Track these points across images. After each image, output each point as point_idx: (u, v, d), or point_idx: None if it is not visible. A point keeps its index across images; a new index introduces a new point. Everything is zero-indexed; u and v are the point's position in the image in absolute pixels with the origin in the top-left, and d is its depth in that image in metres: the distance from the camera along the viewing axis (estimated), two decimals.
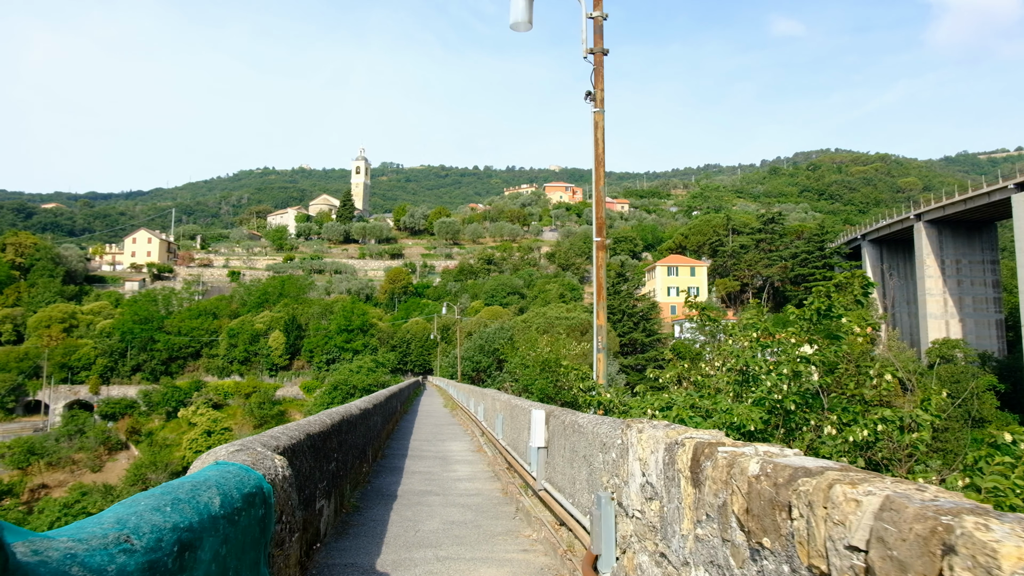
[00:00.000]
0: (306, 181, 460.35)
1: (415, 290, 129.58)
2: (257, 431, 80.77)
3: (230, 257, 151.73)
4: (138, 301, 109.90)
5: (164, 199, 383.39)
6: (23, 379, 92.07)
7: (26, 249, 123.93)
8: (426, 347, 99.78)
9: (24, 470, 77.41)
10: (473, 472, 11.42)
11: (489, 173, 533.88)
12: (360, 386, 79.77)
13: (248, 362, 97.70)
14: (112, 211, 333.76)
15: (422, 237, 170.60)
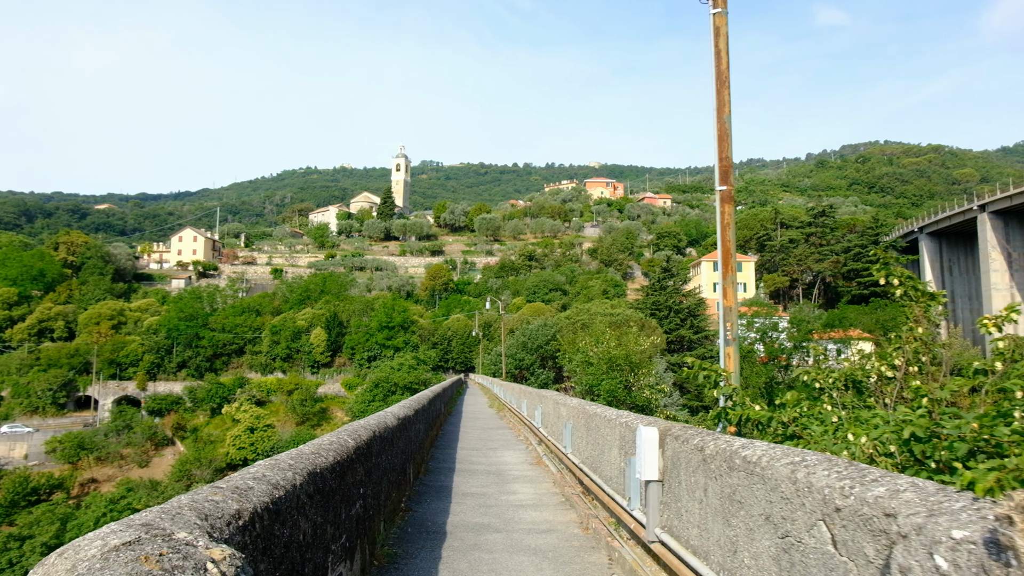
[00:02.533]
0: (347, 180, 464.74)
1: (456, 287, 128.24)
2: (299, 429, 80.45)
3: (273, 255, 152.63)
4: (184, 298, 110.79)
5: (210, 199, 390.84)
6: (74, 375, 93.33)
7: (77, 248, 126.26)
8: (467, 344, 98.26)
9: (74, 464, 78.23)
10: (538, 495, 9.38)
11: (528, 170, 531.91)
12: (401, 384, 78.56)
13: (290, 359, 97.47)
14: (161, 211, 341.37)
15: (462, 234, 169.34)
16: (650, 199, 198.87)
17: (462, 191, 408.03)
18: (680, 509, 4.56)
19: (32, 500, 68.26)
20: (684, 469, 4.51)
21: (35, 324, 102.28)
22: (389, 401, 77.83)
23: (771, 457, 3.20)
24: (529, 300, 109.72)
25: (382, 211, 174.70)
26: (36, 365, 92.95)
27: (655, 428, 5.15)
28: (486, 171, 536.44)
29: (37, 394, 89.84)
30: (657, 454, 5.05)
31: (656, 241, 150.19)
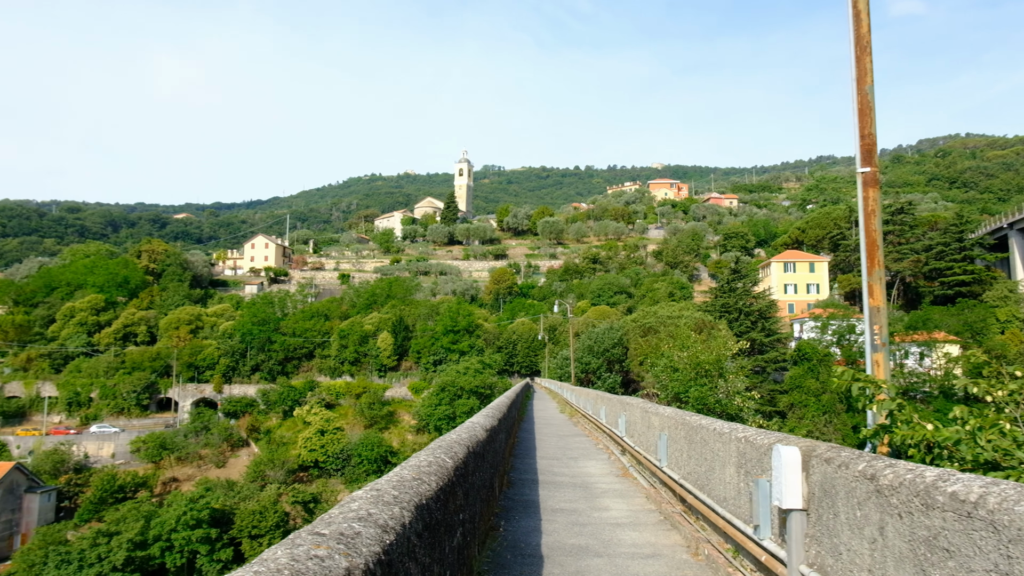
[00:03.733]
0: (411, 185, 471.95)
1: (520, 290, 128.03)
2: (367, 432, 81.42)
3: (340, 260, 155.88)
4: (256, 303, 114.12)
5: (281, 207, 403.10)
6: (156, 377, 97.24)
7: (158, 256, 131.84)
8: (532, 348, 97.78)
9: (157, 464, 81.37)
10: (632, 512, 8.72)
11: (590, 172, 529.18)
12: (467, 388, 78.67)
13: (358, 363, 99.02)
14: (234, 219, 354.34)
15: (525, 237, 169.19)
16: (716, 199, 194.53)
17: (524, 195, 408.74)
18: (837, 547, 3.86)
19: (119, 497, 71.22)
20: (843, 499, 3.81)
21: (120, 329, 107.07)
22: (456, 405, 77.98)
23: (1003, 497, 2.51)
24: (594, 303, 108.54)
25: (445, 216, 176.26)
26: (121, 368, 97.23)
27: (795, 448, 4.45)
28: (548, 174, 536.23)
29: (122, 396, 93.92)
30: (799, 478, 4.36)
31: (723, 242, 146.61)
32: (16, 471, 69.40)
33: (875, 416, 4.63)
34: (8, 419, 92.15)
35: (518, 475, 11.65)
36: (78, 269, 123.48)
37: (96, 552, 55.68)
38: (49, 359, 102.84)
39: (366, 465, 78.19)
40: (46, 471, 75.24)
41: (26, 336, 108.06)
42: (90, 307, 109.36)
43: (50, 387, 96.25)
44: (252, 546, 61.45)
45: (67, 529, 63.27)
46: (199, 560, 60.06)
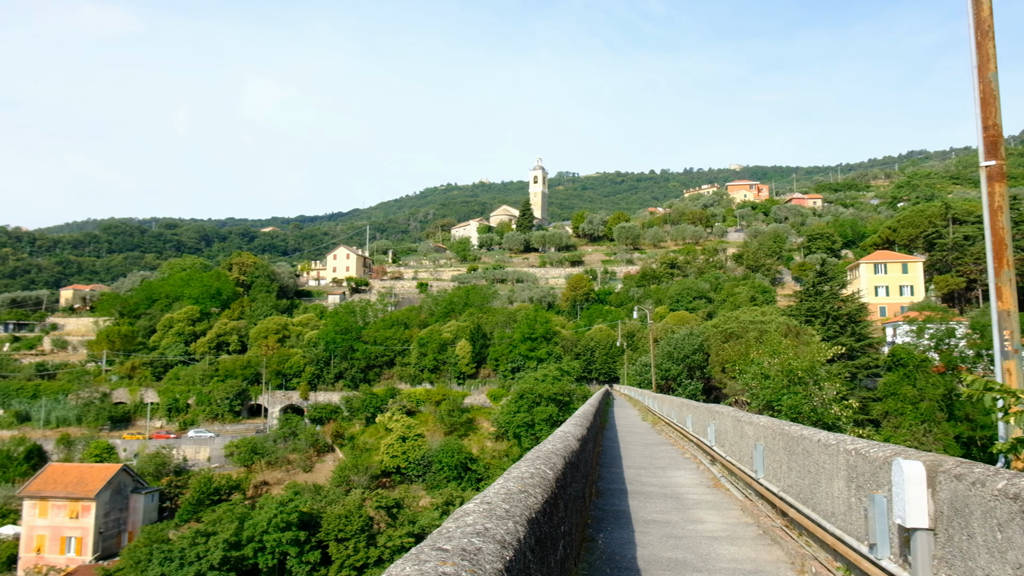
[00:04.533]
0: (486, 194, 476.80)
1: (597, 297, 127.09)
2: (447, 439, 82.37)
3: (418, 269, 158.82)
4: (339, 313, 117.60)
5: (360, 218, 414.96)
6: (247, 385, 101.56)
7: (248, 268, 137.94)
8: (611, 355, 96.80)
9: (249, 468, 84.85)
10: (728, 525, 8.43)
11: (666, 176, 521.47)
12: (546, 395, 78.54)
13: (437, 370, 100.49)
14: (317, 232, 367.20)
15: (601, 243, 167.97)
16: (798, 200, 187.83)
17: (599, 200, 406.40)
18: (973, 571, 3.57)
19: (215, 499, 74.63)
20: (980, 520, 3.54)
21: (214, 338, 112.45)
22: (534, 412, 77.97)
23: None
24: (672, 309, 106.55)
25: (521, 223, 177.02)
26: (215, 376, 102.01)
27: (918, 463, 4.17)
28: (622, 179, 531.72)
29: (217, 402, 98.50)
30: (925, 495, 4.07)
31: (807, 244, 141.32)
32: (123, 473, 73.78)
33: (1009, 429, 4.28)
34: (116, 424, 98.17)
35: (606, 485, 11.49)
36: (175, 282, 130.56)
37: (195, 551, 58.44)
38: (151, 367, 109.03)
39: (446, 472, 79.14)
40: (149, 473, 79.66)
41: (130, 346, 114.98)
42: (187, 318, 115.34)
43: (152, 394, 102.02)
44: (338, 549, 63.10)
45: (169, 528, 66.63)
46: (289, 561, 62.14)
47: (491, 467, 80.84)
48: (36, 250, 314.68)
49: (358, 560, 63.06)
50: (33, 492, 70.41)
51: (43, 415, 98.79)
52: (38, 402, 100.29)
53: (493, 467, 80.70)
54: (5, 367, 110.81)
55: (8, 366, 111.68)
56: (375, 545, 64.58)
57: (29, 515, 70.00)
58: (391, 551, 64.60)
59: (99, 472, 72.58)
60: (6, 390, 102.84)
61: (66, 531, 69.04)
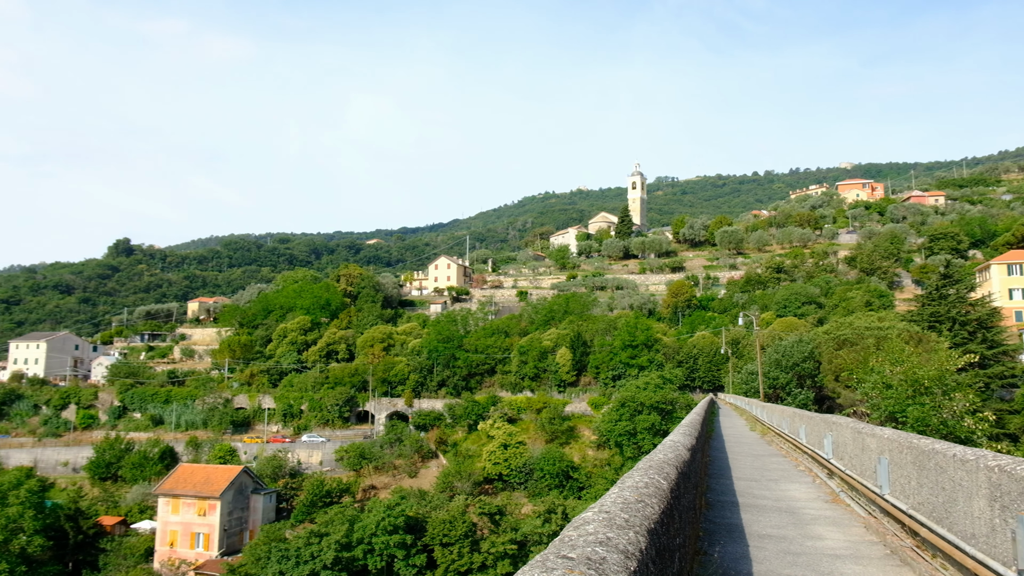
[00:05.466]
0: (584, 201, 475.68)
1: (699, 303, 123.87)
2: (548, 446, 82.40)
3: (518, 278, 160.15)
4: (441, 322, 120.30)
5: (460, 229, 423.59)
6: (354, 392, 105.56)
7: (354, 279, 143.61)
8: (714, 362, 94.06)
9: (357, 472, 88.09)
10: (850, 543, 7.98)
11: (770, 178, 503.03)
12: (648, 403, 77.26)
13: (538, 378, 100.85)
14: (419, 243, 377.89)
15: (703, 248, 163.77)
16: (917, 198, 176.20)
17: (699, 205, 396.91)
18: None
19: (327, 501, 77.91)
20: None
21: (324, 347, 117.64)
22: (636, 421, 76.81)
23: None
24: (779, 315, 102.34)
25: (620, 230, 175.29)
26: (326, 383, 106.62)
27: None
28: (724, 182, 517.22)
29: (327, 408, 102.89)
30: None
31: (928, 244, 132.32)
32: (244, 474, 78.31)
33: None
34: (237, 428, 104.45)
35: (715, 497, 11.14)
36: (288, 294, 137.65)
37: (309, 551, 61.17)
38: (267, 375, 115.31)
39: (548, 480, 79.17)
40: (267, 475, 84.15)
41: (249, 354, 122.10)
42: (299, 328, 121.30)
43: (269, 400, 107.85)
44: (443, 553, 64.33)
45: (285, 528, 70.04)
46: (397, 564, 63.91)
47: (593, 476, 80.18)
48: (167, 266, 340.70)
49: (462, 565, 64.04)
50: (167, 490, 75.92)
51: (174, 419, 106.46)
52: (170, 407, 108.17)
53: (595, 476, 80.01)
54: (142, 374, 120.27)
55: (144, 373, 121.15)
56: (479, 551, 65.40)
57: (163, 511, 75.52)
58: (494, 557, 65.24)
59: (223, 473, 77.37)
60: (143, 395, 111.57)
61: (195, 527, 73.96)
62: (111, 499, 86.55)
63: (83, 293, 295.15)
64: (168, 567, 69.50)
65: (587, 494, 77.57)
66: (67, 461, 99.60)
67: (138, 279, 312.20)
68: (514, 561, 65.97)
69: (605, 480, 78.01)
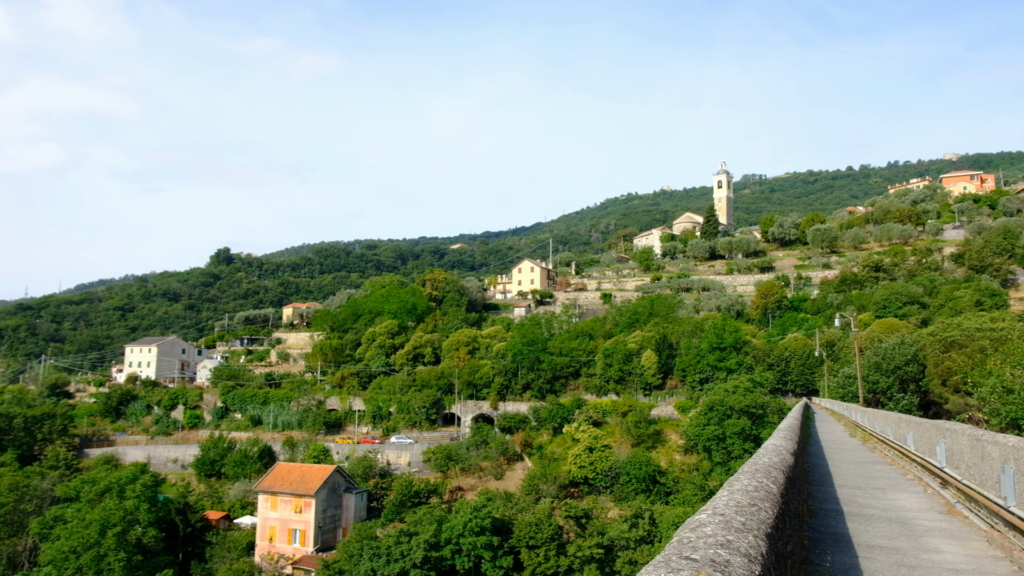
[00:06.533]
0: (667, 202, 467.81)
1: (790, 304, 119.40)
2: (634, 450, 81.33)
3: (601, 280, 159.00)
4: (525, 325, 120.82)
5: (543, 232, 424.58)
6: (441, 394, 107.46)
7: (439, 283, 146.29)
8: (807, 365, 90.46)
9: (444, 473, 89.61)
10: (972, 557, 7.48)
11: (866, 172, 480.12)
12: (737, 407, 75.08)
13: (623, 381, 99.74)
14: (502, 246, 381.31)
15: (793, 248, 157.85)
16: None
17: (789, 203, 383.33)
18: None
19: (415, 501, 79.64)
20: None
21: (411, 351, 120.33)
22: (725, 425, 74.77)
23: None
24: (878, 315, 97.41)
25: (705, 230, 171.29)
26: (413, 386, 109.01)
27: None
28: (815, 179, 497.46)
29: (414, 410, 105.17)
30: None
31: None
32: (337, 474, 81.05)
33: None
34: (329, 428, 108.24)
35: (818, 504, 10.70)
36: (376, 299, 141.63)
37: (399, 549, 62.63)
38: (357, 377, 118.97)
39: (634, 484, 78.12)
40: (358, 475, 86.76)
41: (340, 357, 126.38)
42: (387, 332, 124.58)
43: (359, 402, 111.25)
44: (530, 556, 64.51)
45: (376, 527, 71.98)
46: (484, 565, 64.55)
47: (681, 481, 78.56)
48: (263, 273, 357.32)
49: (549, 568, 64.04)
50: (266, 488, 79.50)
51: (271, 419, 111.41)
52: (267, 408, 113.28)
53: (683, 481, 78.36)
54: (241, 377, 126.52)
55: (244, 376, 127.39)
56: (565, 554, 65.22)
57: (263, 507, 79.11)
58: (581, 561, 64.90)
59: (317, 472, 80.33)
60: (243, 397, 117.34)
61: (292, 523, 77.10)
62: (215, 495, 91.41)
63: (188, 300, 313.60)
64: (268, 561, 72.70)
65: (675, 499, 76.08)
66: (176, 458, 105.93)
67: (237, 286, 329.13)
68: (601, 565, 65.41)
69: (693, 485, 76.29)
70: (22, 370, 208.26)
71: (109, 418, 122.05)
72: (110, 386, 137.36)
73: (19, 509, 79.94)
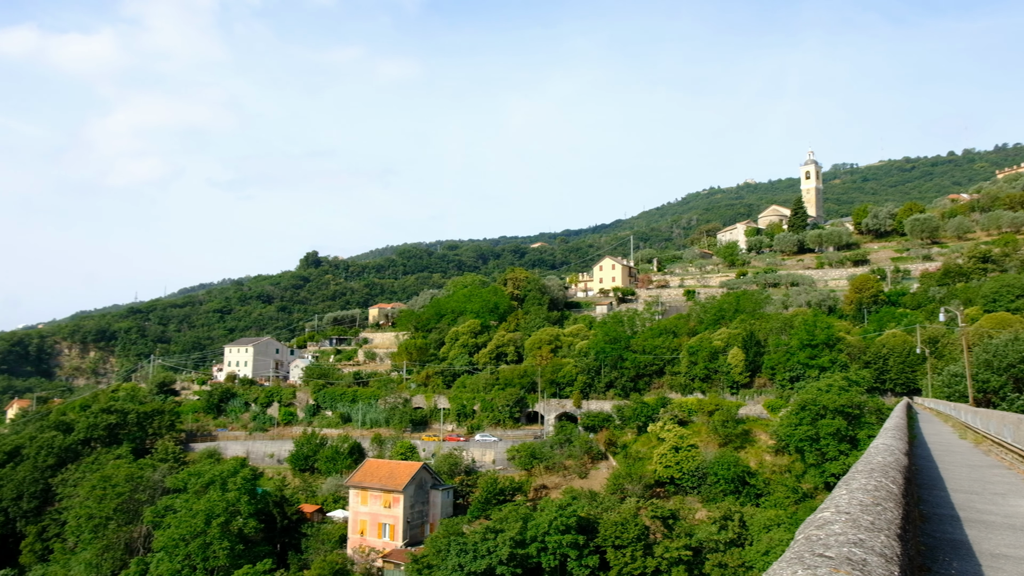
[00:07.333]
0: (752, 195, 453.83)
1: (887, 298, 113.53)
2: (722, 450, 79.34)
3: (684, 277, 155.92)
4: (607, 323, 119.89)
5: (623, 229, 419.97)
6: (524, 393, 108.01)
7: (521, 282, 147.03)
8: (908, 363, 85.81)
9: (529, 471, 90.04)
10: None
11: (970, 157, 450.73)
12: (831, 407, 71.99)
13: (708, 379, 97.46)
14: (582, 244, 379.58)
15: (890, 239, 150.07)
16: None
17: (883, 192, 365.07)
18: None
19: (500, 499, 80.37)
20: None
21: (493, 349, 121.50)
22: (819, 426, 71.87)
23: None
24: (987, 310, 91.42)
25: (793, 223, 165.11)
26: (496, 384, 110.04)
27: None
28: (912, 165, 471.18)
29: (498, 409, 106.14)
30: None
31: None
32: (424, 470, 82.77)
33: None
34: (415, 426, 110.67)
35: (930, 509, 10.13)
36: (459, 298, 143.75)
37: (486, 546, 63.37)
38: (441, 376, 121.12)
39: (723, 485, 76.22)
40: (444, 472, 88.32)
41: (424, 356, 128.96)
42: (469, 331, 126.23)
43: (443, 400, 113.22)
44: (616, 556, 63.99)
45: (462, 523, 73.04)
46: (570, 563, 64.50)
47: (772, 483, 76.08)
48: (349, 275, 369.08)
49: (635, 568, 63.34)
50: (356, 483, 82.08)
51: (360, 417, 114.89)
52: (356, 406, 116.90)
53: (774, 483, 75.88)
54: (331, 375, 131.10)
55: (333, 374, 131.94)
56: (652, 555, 64.34)
57: (354, 502, 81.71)
58: (668, 562, 63.86)
59: (405, 468, 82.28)
60: (333, 395, 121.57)
61: (382, 518, 79.28)
62: (309, 488, 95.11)
63: (280, 302, 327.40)
64: (359, 554, 75.04)
65: (766, 501, 73.76)
66: (272, 453, 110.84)
67: (325, 288, 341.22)
68: (689, 568, 64.19)
69: (785, 487, 73.75)
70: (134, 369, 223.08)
71: (211, 414, 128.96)
72: (211, 384, 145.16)
73: (134, 498, 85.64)
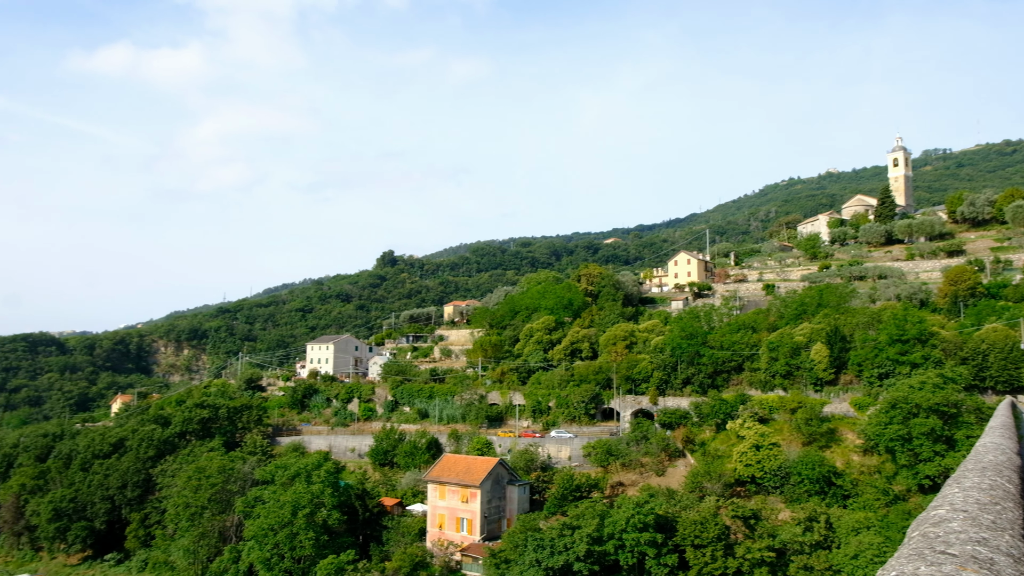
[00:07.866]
0: (834, 185, 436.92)
1: (985, 291, 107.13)
2: (805, 449, 76.81)
3: (763, 271, 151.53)
4: (683, 318, 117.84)
5: (698, 223, 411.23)
6: (599, 389, 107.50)
7: (595, 278, 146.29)
8: (1010, 359, 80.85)
9: (605, 468, 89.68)
10: None
11: None
12: (925, 405, 68.60)
13: (790, 376, 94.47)
14: (656, 239, 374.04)
15: (989, 228, 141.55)
16: None
17: (980, 178, 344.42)
18: None
19: (576, 496, 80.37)
20: None
21: (568, 346, 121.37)
22: (911, 425, 68.68)
23: None
24: None
25: (880, 213, 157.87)
26: (571, 381, 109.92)
27: None
28: (1013, 148, 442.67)
29: (573, 405, 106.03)
30: None
31: None
32: (500, 466, 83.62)
33: None
34: (491, 422, 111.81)
35: None
36: (532, 295, 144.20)
37: (563, 542, 63.53)
38: (516, 372, 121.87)
39: (807, 485, 73.88)
40: (520, 468, 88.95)
41: (499, 353, 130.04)
42: (543, 327, 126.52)
43: (519, 396, 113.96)
44: (696, 555, 63.01)
45: (539, 519, 73.47)
46: (648, 562, 63.92)
47: (860, 484, 73.19)
48: (425, 273, 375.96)
49: (716, 569, 62.23)
50: (434, 477, 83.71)
51: (437, 413, 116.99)
52: (433, 402, 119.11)
53: (862, 484, 72.98)
54: (408, 372, 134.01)
55: (410, 371, 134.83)
56: (733, 556, 63.08)
57: (432, 496, 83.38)
58: (750, 564, 62.47)
59: (482, 464, 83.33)
60: (410, 391, 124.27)
61: (459, 512, 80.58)
62: (389, 482, 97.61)
63: (359, 301, 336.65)
64: (438, 547, 76.54)
65: (854, 503, 71.07)
66: (353, 447, 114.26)
67: (401, 286, 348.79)
68: (772, 569, 62.58)
69: (875, 489, 70.84)
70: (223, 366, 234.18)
71: (295, 409, 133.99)
72: (295, 381, 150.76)
73: (226, 489, 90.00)
